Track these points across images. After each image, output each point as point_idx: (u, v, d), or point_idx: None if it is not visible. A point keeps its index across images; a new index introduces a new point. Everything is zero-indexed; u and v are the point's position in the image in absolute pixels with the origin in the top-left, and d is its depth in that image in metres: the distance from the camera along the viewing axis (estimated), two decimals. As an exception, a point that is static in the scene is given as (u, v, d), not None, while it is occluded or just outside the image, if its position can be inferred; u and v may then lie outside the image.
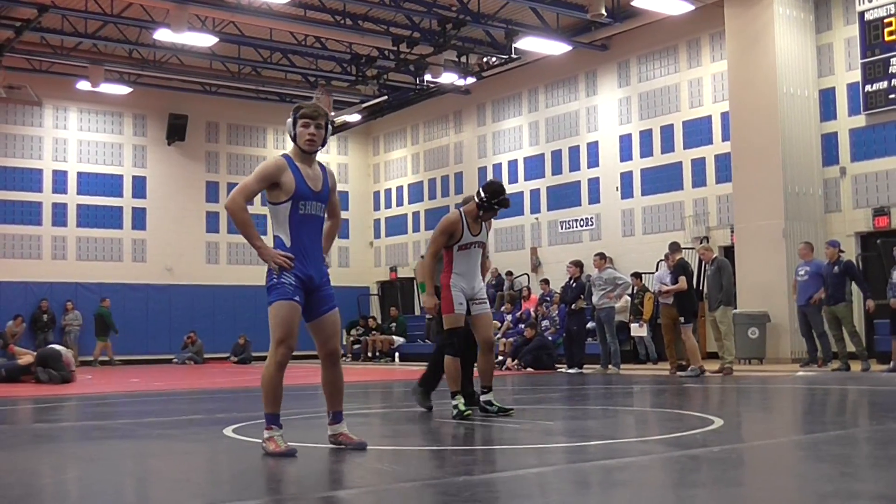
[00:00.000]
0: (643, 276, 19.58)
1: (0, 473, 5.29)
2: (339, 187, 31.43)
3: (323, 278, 5.56)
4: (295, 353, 5.54)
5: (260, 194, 5.53)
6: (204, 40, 21.26)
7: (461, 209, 7.83)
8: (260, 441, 5.53)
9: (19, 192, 25.26)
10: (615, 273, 15.94)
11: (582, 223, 22.85)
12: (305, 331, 5.65)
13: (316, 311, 5.56)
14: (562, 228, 23.67)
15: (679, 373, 13.96)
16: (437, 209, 27.55)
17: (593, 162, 23.04)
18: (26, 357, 15.51)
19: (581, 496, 4.22)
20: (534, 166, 24.67)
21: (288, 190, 5.40)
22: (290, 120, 5.59)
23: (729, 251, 19.13)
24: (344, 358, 25.94)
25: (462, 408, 7.53)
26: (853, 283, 14.65)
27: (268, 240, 5.55)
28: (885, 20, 17.15)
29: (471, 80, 22.90)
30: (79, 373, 16.32)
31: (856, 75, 17.76)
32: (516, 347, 18.02)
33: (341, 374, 5.70)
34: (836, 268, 14.41)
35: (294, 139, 5.55)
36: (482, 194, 7.73)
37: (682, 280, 13.88)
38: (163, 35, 20.30)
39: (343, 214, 28.92)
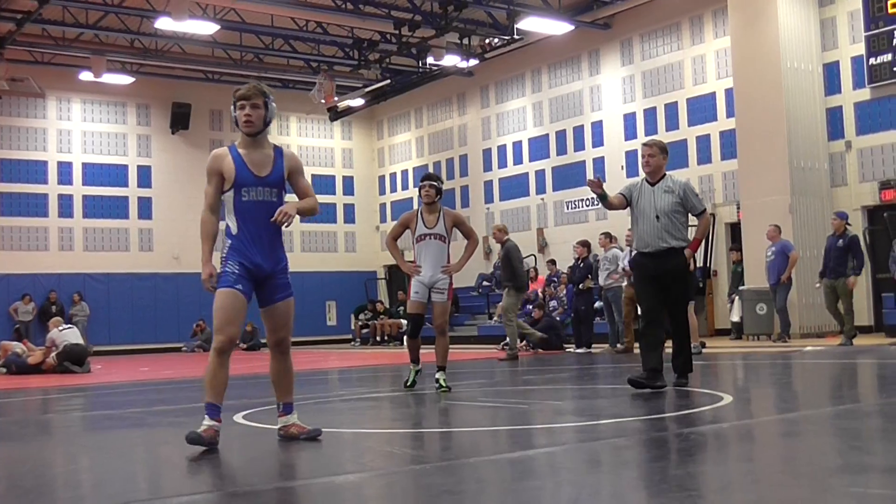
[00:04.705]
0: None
1: (12, 464, 5.32)
2: (345, 172, 30.75)
3: (277, 266, 5.36)
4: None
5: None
6: (205, 28, 21.25)
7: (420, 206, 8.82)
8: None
9: (25, 185, 25.33)
10: (619, 253, 15.90)
11: (588, 203, 22.79)
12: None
13: (268, 299, 5.39)
14: (567, 209, 23.64)
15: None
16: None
17: (598, 141, 22.99)
18: (37, 355, 15.55)
19: (592, 475, 4.23)
20: (538, 147, 24.62)
21: (229, 178, 5.28)
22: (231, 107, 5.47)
23: (735, 227, 19.11)
24: (353, 342, 26.00)
25: (411, 378, 8.81)
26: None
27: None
28: (889, -8, 17.06)
29: (473, 62, 22.85)
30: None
31: (860, 48, 17.67)
32: (524, 328, 18.00)
33: (290, 366, 5.54)
34: (840, 241, 14.07)
35: (236, 124, 5.42)
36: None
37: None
38: (164, 24, 20.30)
39: (349, 199, 29.78)
